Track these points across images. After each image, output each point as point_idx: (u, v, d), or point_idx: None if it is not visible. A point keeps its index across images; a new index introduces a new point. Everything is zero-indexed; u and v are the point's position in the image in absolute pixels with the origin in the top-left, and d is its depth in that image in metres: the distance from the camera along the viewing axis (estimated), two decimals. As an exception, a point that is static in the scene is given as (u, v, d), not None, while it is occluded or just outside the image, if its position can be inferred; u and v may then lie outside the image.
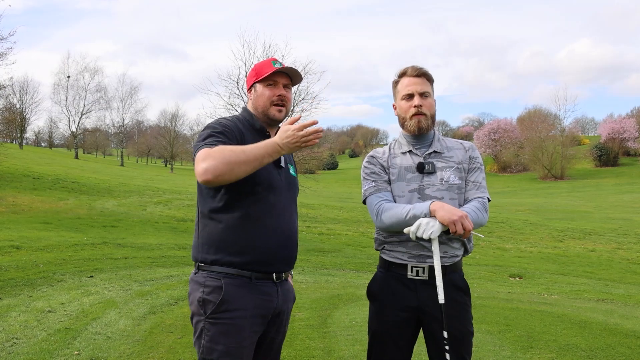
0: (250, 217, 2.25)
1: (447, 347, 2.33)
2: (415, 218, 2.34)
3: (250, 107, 2.46)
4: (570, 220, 24.02)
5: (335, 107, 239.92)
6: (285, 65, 2.38)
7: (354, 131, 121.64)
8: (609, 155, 61.51)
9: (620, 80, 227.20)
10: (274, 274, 2.31)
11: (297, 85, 24.24)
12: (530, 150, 60.67)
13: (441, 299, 2.32)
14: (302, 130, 2.07)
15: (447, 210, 2.29)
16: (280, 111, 2.39)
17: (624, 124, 62.73)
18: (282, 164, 2.41)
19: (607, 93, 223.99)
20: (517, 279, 11.07)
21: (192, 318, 2.28)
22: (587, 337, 5.28)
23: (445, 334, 2.33)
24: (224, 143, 2.15)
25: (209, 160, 2.02)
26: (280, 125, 2.46)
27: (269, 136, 2.40)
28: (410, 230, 2.32)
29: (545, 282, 10.63)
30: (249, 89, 2.47)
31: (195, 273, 2.30)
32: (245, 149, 2.06)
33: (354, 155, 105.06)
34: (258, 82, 2.41)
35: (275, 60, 2.40)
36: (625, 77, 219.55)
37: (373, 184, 2.55)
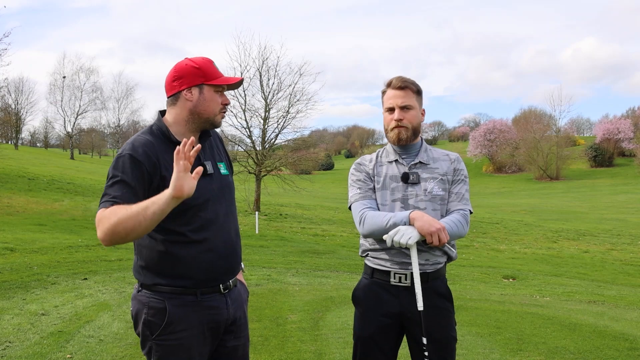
0: (187, 237, 2.15)
1: (425, 353, 2.38)
2: (395, 226, 2.39)
3: (182, 108, 2.22)
4: (565, 221, 24.13)
5: (335, 107, 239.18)
6: (238, 77, 2.30)
7: (350, 131, 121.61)
8: (604, 155, 61.75)
9: (625, 79, 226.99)
10: (220, 286, 2.24)
11: (292, 87, 23.89)
12: (526, 151, 60.84)
13: (420, 305, 2.37)
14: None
15: (425, 221, 2.35)
16: (223, 117, 2.28)
17: (619, 124, 62.99)
18: (210, 170, 2.25)
19: (611, 92, 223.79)
20: (511, 280, 11.12)
21: (138, 333, 2.21)
22: (576, 339, 5.33)
23: (425, 340, 2.38)
24: (124, 196, 1.99)
25: (100, 230, 1.93)
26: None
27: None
28: (388, 235, 2.37)
29: (538, 283, 10.68)
30: (188, 88, 2.20)
31: (138, 291, 2.20)
32: (135, 213, 1.89)
33: (350, 155, 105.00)
34: (209, 85, 2.21)
35: (213, 61, 2.26)
36: (630, 76, 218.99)
37: (358, 191, 2.59)
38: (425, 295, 2.45)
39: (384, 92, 2.63)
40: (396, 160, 2.59)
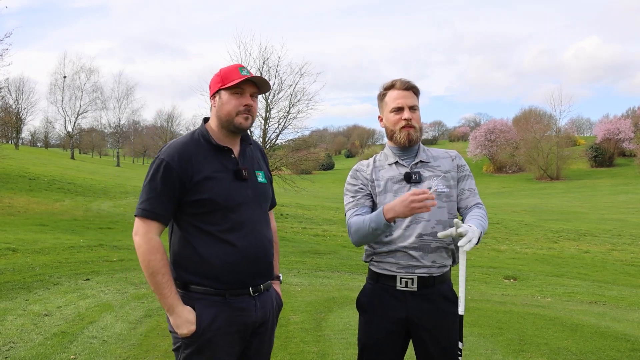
0: (216, 236, 2.22)
1: (459, 359, 2.37)
2: (376, 230, 2.36)
3: (212, 115, 2.37)
4: (566, 221, 24.12)
5: (335, 106, 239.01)
6: (253, 74, 2.30)
7: (350, 131, 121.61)
8: (605, 155, 61.69)
9: (626, 79, 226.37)
10: (250, 289, 2.29)
11: (293, 87, 23.85)
12: (526, 151, 60.80)
13: (461, 310, 2.35)
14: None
15: (400, 205, 2.27)
16: (246, 119, 2.30)
17: (619, 124, 62.95)
18: (246, 176, 2.31)
19: (612, 92, 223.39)
20: (512, 280, 11.14)
21: (170, 330, 2.29)
22: (578, 340, 5.34)
23: (461, 345, 2.37)
24: (152, 202, 2.20)
25: (140, 250, 2.18)
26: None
27: (228, 151, 2.33)
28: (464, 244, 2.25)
29: (539, 284, 10.70)
30: (213, 96, 2.34)
31: None
32: (160, 289, 2.17)
33: (350, 155, 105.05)
34: (223, 89, 2.29)
35: (242, 67, 2.31)
36: (631, 76, 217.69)
37: (351, 200, 2.59)
38: (432, 300, 2.46)
39: (383, 95, 2.64)
40: (396, 162, 2.59)
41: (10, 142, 63.97)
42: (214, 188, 2.22)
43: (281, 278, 2.59)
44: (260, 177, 2.41)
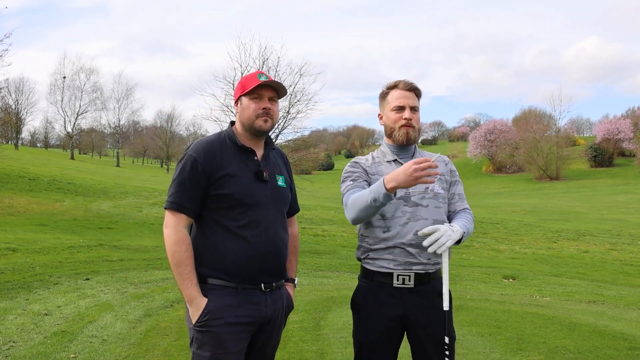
0: (232, 232, 2.34)
1: (447, 352, 2.41)
2: (375, 201, 2.31)
3: (237, 120, 2.53)
4: (565, 221, 24.13)
5: (335, 106, 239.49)
6: (272, 79, 2.42)
7: (350, 131, 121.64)
8: (604, 155, 61.69)
9: (627, 78, 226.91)
10: (261, 284, 2.37)
11: (293, 87, 23.87)
12: (526, 151, 60.82)
13: (446, 305, 2.40)
14: None
15: (402, 174, 2.22)
16: (266, 121, 2.43)
17: (619, 124, 62.94)
18: (266, 177, 2.44)
19: (613, 92, 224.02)
20: (511, 280, 11.15)
21: (188, 326, 2.39)
22: (576, 339, 5.36)
23: (447, 339, 2.41)
24: (180, 195, 2.33)
25: (168, 241, 2.32)
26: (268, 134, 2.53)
27: (252, 152, 2.46)
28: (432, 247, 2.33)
29: (538, 283, 10.71)
30: (236, 102, 2.52)
31: None
32: (183, 280, 2.28)
33: (349, 155, 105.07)
34: (244, 95, 2.45)
35: (261, 74, 2.44)
36: (632, 76, 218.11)
37: (351, 182, 2.60)
38: (426, 296, 2.49)
39: (386, 94, 2.69)
40: (395, 160, 2.64)
41: (10, 143, 63.95)
42: (235, 185, 2.35)
43: (297, 282, 2.67)
44: (280, 181, 2.55)
